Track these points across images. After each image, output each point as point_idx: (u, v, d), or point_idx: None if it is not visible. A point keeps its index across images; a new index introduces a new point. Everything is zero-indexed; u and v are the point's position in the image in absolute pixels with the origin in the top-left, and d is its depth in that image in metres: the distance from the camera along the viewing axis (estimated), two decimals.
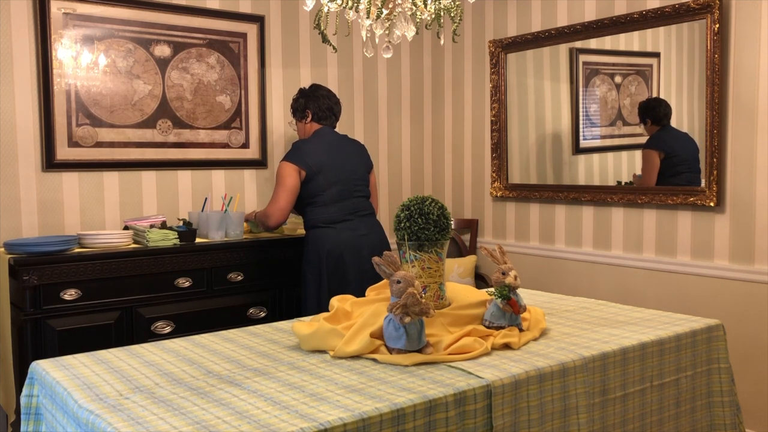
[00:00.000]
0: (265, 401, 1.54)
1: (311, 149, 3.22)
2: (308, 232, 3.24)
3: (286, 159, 3.19)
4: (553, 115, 3.88)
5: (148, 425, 1.41)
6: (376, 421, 1.45)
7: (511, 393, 1.69)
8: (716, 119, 3.09)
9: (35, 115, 3.20)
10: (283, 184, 3.15)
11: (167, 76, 3.52)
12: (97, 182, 3.36)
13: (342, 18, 3.49)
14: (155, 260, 3.05)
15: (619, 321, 2.24)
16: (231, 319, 3.19)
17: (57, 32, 3.20)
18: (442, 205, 2.08)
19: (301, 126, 3.38)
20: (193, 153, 3.63)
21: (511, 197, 4.10)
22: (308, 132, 3.34)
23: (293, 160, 3.17)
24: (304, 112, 3.34)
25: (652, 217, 3.42)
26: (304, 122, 3.36)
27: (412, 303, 1.76)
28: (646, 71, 3.47)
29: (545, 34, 3.82)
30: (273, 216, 3.17)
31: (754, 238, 3.04)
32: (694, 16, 3.16)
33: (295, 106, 3.38)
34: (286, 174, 3.16)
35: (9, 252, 2.89)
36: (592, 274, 3.69)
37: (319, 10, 2.30)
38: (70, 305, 2.86)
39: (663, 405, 2.04)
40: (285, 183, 3.15)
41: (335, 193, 3.19)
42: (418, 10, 2.23)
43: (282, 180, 3.16)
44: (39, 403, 1.85)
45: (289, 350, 1.95)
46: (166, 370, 1.79)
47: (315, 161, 3.18)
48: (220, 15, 3.67)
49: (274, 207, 3.16)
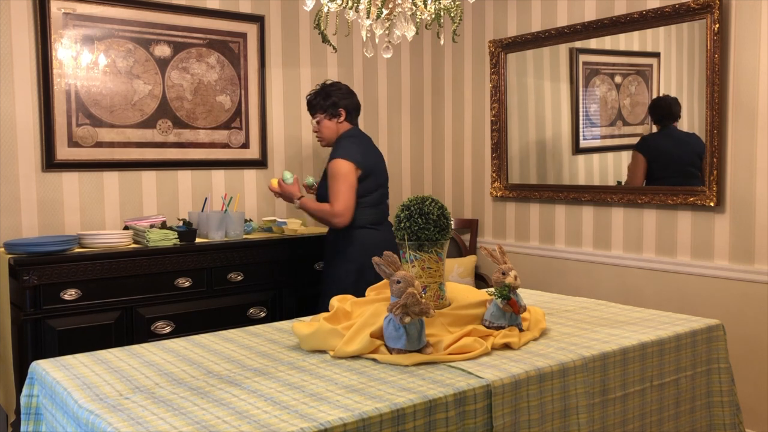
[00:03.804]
0: (265, 401, 1.54)
1: (363, 150, 3.14)
2: (353, 231, 3.10)
3: (343, 157, 3.06)
4: (553, 115, 3.88)
5: (148, 425, 1.41)
6: (376, 421, 1.45)
7: (511, 393, 1.69)
8: (716, 119, 3.09)
9: (35, 115, 3.20)
10: (348, 182, 3.03)
11: (167, 76, 3.52)
12: (97, 182, 3.36)
13: (342, 18, 3.49)
14: (155, 260, 3.05)
15: (619, 321, 2.24)
16: (231, 319, 3.19)
17: (57, 32, 3.20)
18: (442, 205, 2.08)
19: (332, 125, 3.21)
20: (193, 153, 3.63)
21: (511, 197, 4.10)
22: (339, 131, 3.21)
23: (351, 158, 3.06)
24: (336, 109, 3.19)
25: (652, 217, 3.42)
26: (336, 121, 3.21)
27: (412, 303, 1.76)
28: (646, 71, 3.47)
29: (545, 34, 3.82)
30: (344, 215, 3.03)
31: (754, 238, 3.04)
32: (694, 16, 3.16)
33: (327, 103, 3.19)
34: (348, 171, 3.04)
35: (9, 252, 2.89)
36: (592, 274, 3.69)
37: (319, 10, 2.30)
38: (70, 305, 2.86)
39: (663, 405, 2.04)
40: (349, 180, 3.03)
41: (378, 195, 3.17)
42: (418, 10, 2.23)
43: (345, 177, 3.03)
44: (39, 403, 1.85)
45: (289, 350, 1.95)
46: (166, 370, 1.79)
47: (367, 162, 3.12)
48: (220, 15, 3.67)
49: (342, 206, 3.02)
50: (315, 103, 3.23)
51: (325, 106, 3.20)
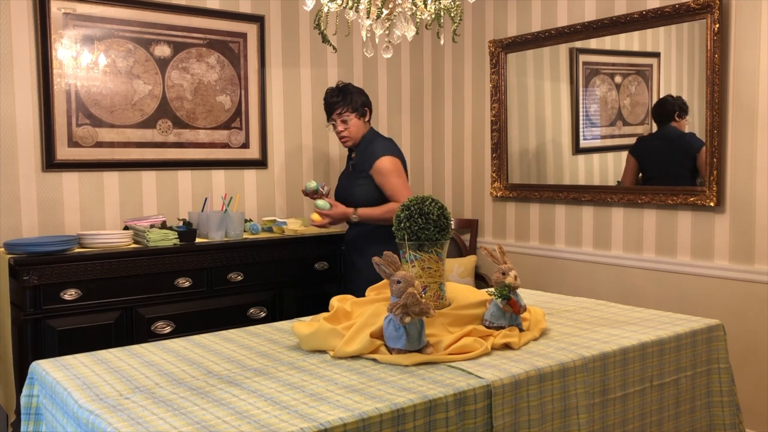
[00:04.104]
0: (265, 401, 1.54)
1: (398, 150, 3.20)
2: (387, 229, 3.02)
3: (390, 154, 3.13)
4: (553, 115, 3.88)
5: (148, 425, 1.41)
6: (376, 421, 1.45)
7: (511, 393, 1.69)
8: (716, 119, 3.09)
9: (35, 115, 3.20)
10: (402, 176, 3.14)
11: (167, 76, 3.52)
12: (97, 182, 3.36)
13: (342, 18, 3.49)
14: (155, 260, 3.05)
15: (619, 321, 2.24)
16: (231, 319, 3.19)
17: (57, 32, 3.20)
18: (442, 205, 2.08)
19: (360, 124, 3.21)
20: (193, 153, 3.63)
21: (511, 197, 4.10)
22: (364, 130, 3.23)
23: (397, 155, 3.15)
24: (364, 109, 3.22)
25: (652, 217, 3.42)
26: (363, 120, 3.22)
27: (412, 303, 1.76)
28: (646, 71, 3.47)
29: (545, 34, 3.82)
30: None
31: (754, 238, 3.04)
32: (694, 16, 3.16)
33: (358, 103, 3.21)
34: (400, 166, 3.14)
35: (9, 252, 2.89)
36: (592, 274, 3.69)
37: (319, 10, 2.30)
38: (70, 305, 2.86)
39: (663, 405, 2.04)
40: (402, 174, 3.15)
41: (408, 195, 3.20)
42: (418, 10, 2.23)
43: (399, 172, 3.13)
44: (39, 403, 1.85)
45: (289, 350, 1.95)
46: (166, 370, 1.79)
47: (403, 162, 3.20)
48: (220, 15, 3.67)
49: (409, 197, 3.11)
50: (347, 101, 3.19)
51: (356, 106, 3.20)
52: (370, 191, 3.16)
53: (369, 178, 3.15)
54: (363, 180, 3.17)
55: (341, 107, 3.19)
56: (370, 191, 3.16)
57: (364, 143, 3.21)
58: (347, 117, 3.19)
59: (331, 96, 3.23)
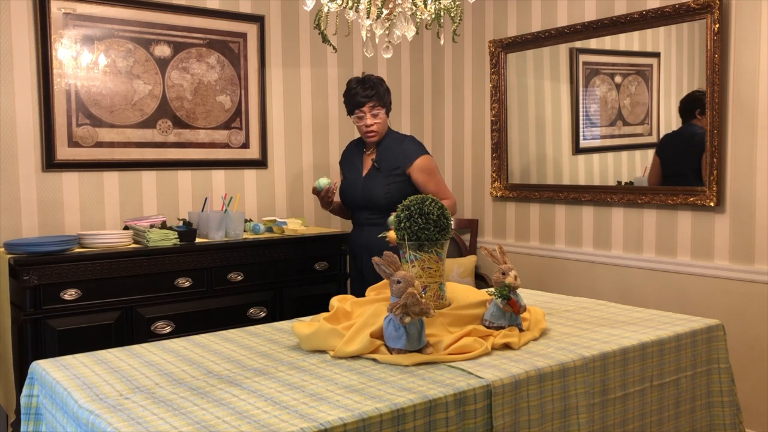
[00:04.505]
0: (265, 401, 1.54)
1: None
2: None
3: (426, 153, 3.14)
4: (553, 115, 3.88)
5: (148, 425, 1.41)
6: (376, 421, 1.45)
7: (511, 393, 1.69)
8: (716, 119, 3.09)
9: (35, 115, 3.20)
10: (440, 173, 3.21)
11: (167, 76, 3.52)
12: (97, 182, 3.36)
13: (342, 18, 3.49)
14: (155, 260, 3.05)
15: (619, 321, 2.24)
16: (231, 319, 3.19)
17: (57, 32, 3.20)
18: (442, 205, 2.08)
19: (386, 120, 3.16)
20: (193, 153, 3.63)
21: (511, 197, 4.10)
22: (386, 127, 3.19)
23: (430, 153, 3.18)
24: (390, 106, 3.19)
25: (652, 217, 3.42)
26: (388, 115, 3.18)
27: (412, 303, 1.76)
28: (646, 71, 3.47)
29: (545, 34, 3.82)
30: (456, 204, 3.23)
31: (754, 238, 3.04)
32: (694, 16, 3.16)
33: (387, 99, 3.14)
34: (436, 165, 3.20)
35: (9, 252, 2.89)
36: (592, 274, 3.69)
37: (319, 10, 2.30)
38: (70, 305, 2.86)
39: (663, 405, 2.04)
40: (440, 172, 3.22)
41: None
42: (418, 10, 2.23)
43: (438, 170, 3.18)
44: (39, 403, 1.85)
45: (289, 350, 1.95)
46: (166, 370, 1.79)
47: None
48: (220, 15, 3.67)
49: (452, 196, 3.17)
50: (380, 95, 3.10)
51: (386, 101, 3.13)
52: (405, 190, 3.03)
53: (404, 177, 3.08)
54: (396, 178, 3.08)
55: (374, 101, 3.08)
56: (406, 190, 3.03)
57: (389, 141, 3.15)
58: (378, 111, 3.10)
59: (364, 89, 3.09)
